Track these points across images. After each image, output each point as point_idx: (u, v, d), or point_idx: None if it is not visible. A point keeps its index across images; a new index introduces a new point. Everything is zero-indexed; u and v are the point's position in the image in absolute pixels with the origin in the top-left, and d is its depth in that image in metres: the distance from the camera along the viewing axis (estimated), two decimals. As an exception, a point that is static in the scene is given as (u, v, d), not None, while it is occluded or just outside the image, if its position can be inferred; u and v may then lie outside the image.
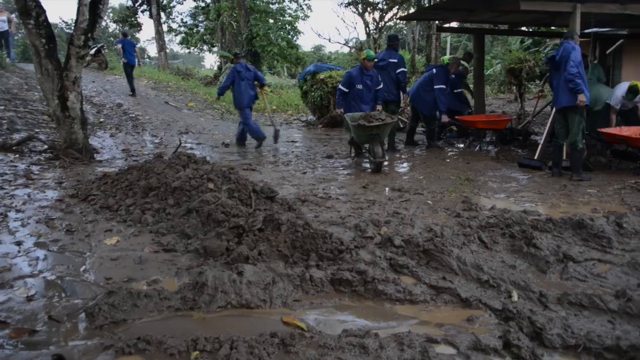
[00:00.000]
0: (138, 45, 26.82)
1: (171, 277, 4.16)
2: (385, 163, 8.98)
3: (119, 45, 17.29)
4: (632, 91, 8.98)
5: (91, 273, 4.21)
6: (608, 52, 13.45)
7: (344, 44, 10.16)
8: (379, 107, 9.66)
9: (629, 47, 13.56)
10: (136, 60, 17.31)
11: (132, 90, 16.83)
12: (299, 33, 28.50)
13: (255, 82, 11.10)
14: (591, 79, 10.17)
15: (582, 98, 7.68)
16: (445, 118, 10.96)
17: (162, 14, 33.27)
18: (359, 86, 9.62)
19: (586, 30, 11.89)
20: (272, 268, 4.13)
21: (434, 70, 10.97)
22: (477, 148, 11.06)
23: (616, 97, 9.18)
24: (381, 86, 9.90)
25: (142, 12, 33.11)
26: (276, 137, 11.35)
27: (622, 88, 9.19)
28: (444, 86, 10.81)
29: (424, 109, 11.00)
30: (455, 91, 11.90)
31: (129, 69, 16.73)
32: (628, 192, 7.22)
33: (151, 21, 31.40)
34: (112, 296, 3.58)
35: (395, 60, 10.53)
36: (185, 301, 3.69)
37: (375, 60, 9.81)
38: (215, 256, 4.45)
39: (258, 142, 10.82)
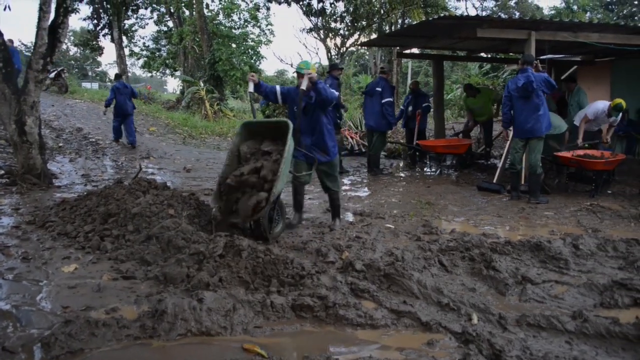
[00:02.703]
0: (99, 69, 26.55)
1: (130, 305, 4.09)
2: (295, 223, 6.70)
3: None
4: (616, 109, 9.20)
5: (48, 302, 4.12)
6: (563, 77, 13.83)
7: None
8: (345, 132, 9.57)
9: (582, 73, 13.99)
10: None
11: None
12: (262, 58, 28.63)
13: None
14: (572, 104, 10.46)
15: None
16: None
17: (124, 38, 33.08)
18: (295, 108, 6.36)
19: (541, 57, 12.21)
20: (233, 294, 4.10)
21: (380, 87, 10.81)
22: (438, 172, 11.20)
23: (596, 109, 9.37)
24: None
25: (104, 35, 32.86)
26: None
27: (604, 102, 9.45)
28: (391, 99, 10.86)
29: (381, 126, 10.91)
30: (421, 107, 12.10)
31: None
32: (584, 214, 7.40)
33: (113, 45, 31.19)
34: (69, 325, 3.51)
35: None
36: (145, 329, 3.63)
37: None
38: (176, 283, 4.40)
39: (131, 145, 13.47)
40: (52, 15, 8.38)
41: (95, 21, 32.03)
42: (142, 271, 4.76)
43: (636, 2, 40.96)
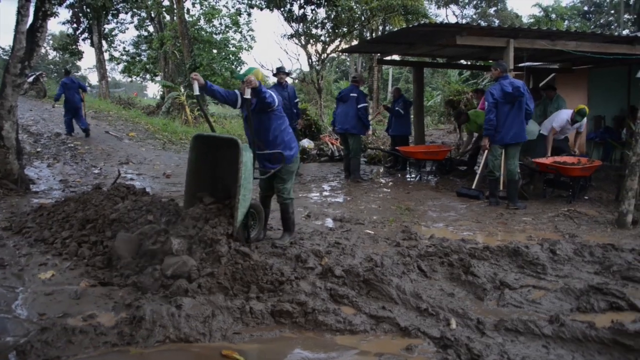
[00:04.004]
0: (79, 74, 26.39)
1: (108, 312, 4.07)
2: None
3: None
4: (580, 114, 9.33)
5: (24, 309, 4.08)
6: (541, 85, 13.99)
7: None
8: (326, 138, 9.61)
9: (560, 81, 14.18)
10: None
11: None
12: (243, 64, 28.63)
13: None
14: (552, 111, 10.58)
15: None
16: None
17: (104, 43, 32.86)
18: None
19: (520, 64, 12.36)
20: (212, 301, 4.09)
21: (355, 93, 10.96)
22: (418, 178, 11.26)
23: (560, 120, 9.50)
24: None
25: (83, 40, 32.60)
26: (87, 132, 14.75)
27: (567, 112, 9.57)
28: (366, 104, 11.16)
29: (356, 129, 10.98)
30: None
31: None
32: (561, 219, 7.48)
33: (92, 49, 30.96)
34: (46, 333, 3.48)
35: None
36: (122, 336, 3.61)
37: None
38: (154, 289, 4.37)
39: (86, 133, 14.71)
40: (30, 19, 8.31)
41: (75, 25, 31.78)
42: (120, 277, 4.72)
43: (613, 12, 41.58)
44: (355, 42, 20.23)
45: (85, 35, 32.19)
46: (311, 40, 20.54)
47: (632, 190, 7.00)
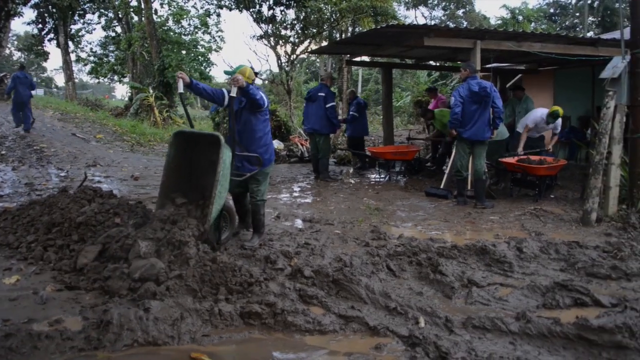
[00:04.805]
0: (45, 75, 26.03)
1: (75, 316, 4.01)
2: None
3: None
4: (553, 116, 9.48)
5: (-13, 315, 4.00)
6: (508, 85, 14.18)
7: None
8: (295, 139, 9.65)
9: (527, 82, 14.37)
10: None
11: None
12: (212, 65, 28.51)
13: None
14: (520, 112, 10.71)
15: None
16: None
17: (70, 43, 32.43)
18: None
19: (487, 65, 12.50)
20: (180, 303, 4.06)
21: (324, 92, 11.08)
22: (387, 178, 11.31)
23: (535, 117, 9.65)
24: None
25: (49, 40, 32.14)
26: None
27: (541, 110, 9.70)
28: (334, 104, 11.35)
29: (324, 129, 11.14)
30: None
31: None
32: (528, 218, 7.59)
33: (59, 50, 30.52)
34: (10, 339, 3.42)
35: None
36: (90, 341, 3.57)
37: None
38: (122, 293, 4.33)
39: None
40: (-7, 20, 8.16)
41: (40, 25, 31.33)
42: (88, 281, 4.66)
43: (578, 14, 42.36)
44: (324, 43, 20.22)
45: (51, 35, 31.78)
46: (280, 41, 20.49)
47: (596, 188, 7.14)
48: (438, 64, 18.26)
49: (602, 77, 7.31)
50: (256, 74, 6.14)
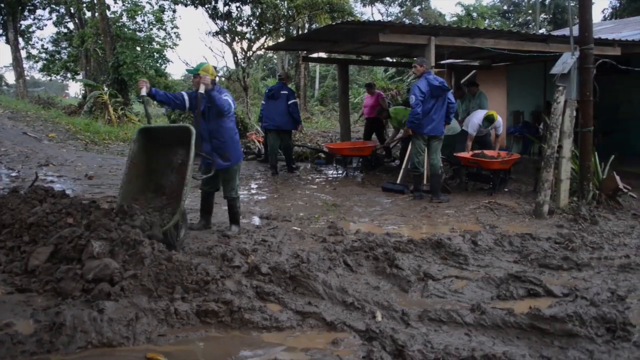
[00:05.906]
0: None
1: (26, 319, 3.89)
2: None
3: None
4: (488, 120, 9.65)
5: None
6: (462, 81, 14.38)
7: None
8: (252, 136, 9.70)
9: (481, 77, 14.60)
10: None
11: None
12: (168, 61, 28.13)
13: None
14: (474, 107, 10.84)
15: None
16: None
17: (21, 39, 31.60)
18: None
19: (441, 62, 12.65)
20: (136, 303, 3.98)
21: (286, 90, 11.56)
22: (344, 174, 11.35)
23: (473, 124, 9.77)
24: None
25: (-2, 36, 31.28)
26: None
27: (478, 116, 9.82)
28: (296, 100, 11.85)
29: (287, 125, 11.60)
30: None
31: None
32: (482, 211, 7.71)
33: (8, 47, 29.71)
34: (-43, 344, 3.31)
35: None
36: (42, 344, 3.47)
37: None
38: (75, 294, 4.23)
39: None
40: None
41: (-12, 21, 30.44)
42: (39, 283, 4.54)
43: (530, 12, 43.26)
44: (281, 40, 20.16)
45: (0, 31, 30.86)
46: (236, 38, 20.33)
47: (548, 181, 7.30)
48: (394, 60, 18.39)
49: (553, 73, 7.47)
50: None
